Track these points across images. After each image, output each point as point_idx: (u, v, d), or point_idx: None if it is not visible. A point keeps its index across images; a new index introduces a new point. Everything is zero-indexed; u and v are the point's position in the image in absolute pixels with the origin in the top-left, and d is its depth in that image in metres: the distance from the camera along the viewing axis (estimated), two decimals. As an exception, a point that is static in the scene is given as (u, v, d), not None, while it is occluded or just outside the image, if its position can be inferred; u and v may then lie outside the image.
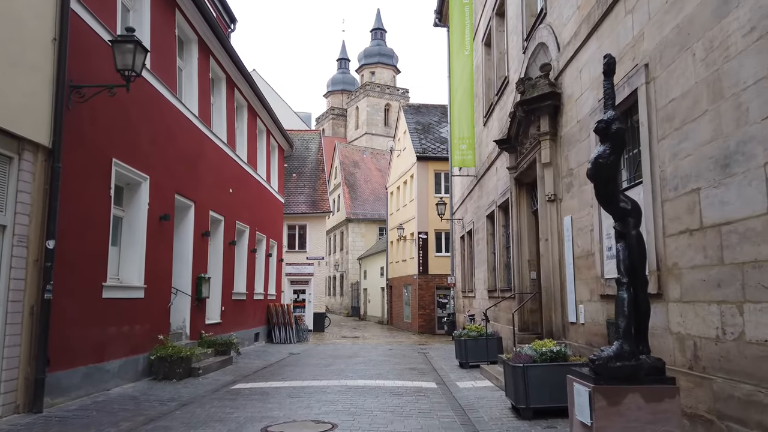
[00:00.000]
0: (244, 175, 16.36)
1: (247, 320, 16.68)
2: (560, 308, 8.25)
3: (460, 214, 20.15)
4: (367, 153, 53.90)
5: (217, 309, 13.93)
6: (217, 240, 14.18)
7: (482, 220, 15.36)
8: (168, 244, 10.79)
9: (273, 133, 20.24)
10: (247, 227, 16.60)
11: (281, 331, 19.48)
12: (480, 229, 15.83)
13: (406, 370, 11.42)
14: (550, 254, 8.51)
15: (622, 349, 4.15)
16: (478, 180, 16.02)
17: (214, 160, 13.71)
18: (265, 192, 19.10)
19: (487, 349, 11.11)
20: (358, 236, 45.15)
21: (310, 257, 27.26)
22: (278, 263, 21.53)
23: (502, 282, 12.86)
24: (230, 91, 15.09)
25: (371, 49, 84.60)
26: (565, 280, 8.13)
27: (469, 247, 18.51)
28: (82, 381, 7.74)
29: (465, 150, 16.30)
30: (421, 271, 26.77)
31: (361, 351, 16.29)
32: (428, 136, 29.09)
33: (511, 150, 10.78)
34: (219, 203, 13.97)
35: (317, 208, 27.34)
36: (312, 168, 29.48)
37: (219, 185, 14.04)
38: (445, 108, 32.09)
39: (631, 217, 4.41)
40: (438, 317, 26.63)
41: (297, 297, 27.34)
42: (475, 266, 16.74)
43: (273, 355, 14.63)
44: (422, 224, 27.09)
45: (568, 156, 8.07)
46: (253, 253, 17.25)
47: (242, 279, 16.21)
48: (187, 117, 11.82)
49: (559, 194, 8.40)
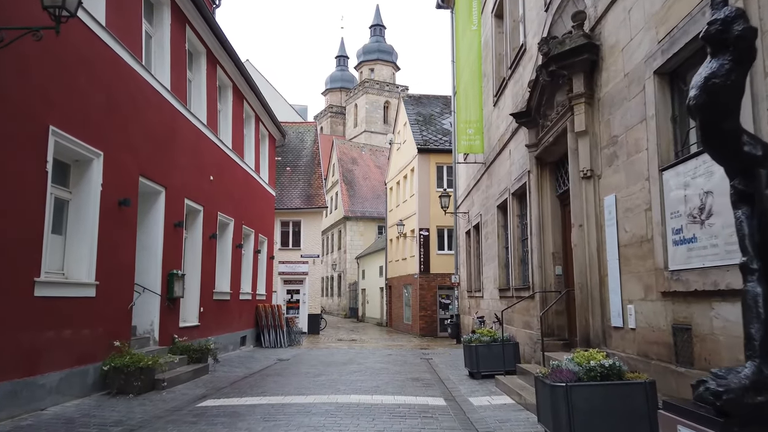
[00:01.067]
0: (228, 163, 14.80)
1: (231, 322, 15.11)
2: (599, 309, 6.69)
3: (465, 207, 18.59)
4: (365, 150, 52.33)
5: (195, 310, 12.36)
6: (194, 233, 12.61)
7: (492, 212, 13.80)
8: (130, 235, 9.23)
9: (263, 119, 18.68)
10: (232, 220, 15.03)
11: (271, 334, 17.91)
12: (489, 222, 14.27)
13: (409, 382, 9.86)
14: (585, 243, 6.96)
15: (761, 375, 2.60)
16: (486, 168, 14.47)
17: (191, 143, 12.15)
18: (253, 183, 17.54)
19: (503, 356, 9.53)
20: (356, 235, 43.56)
21: (305, 255, 25.68)
22: (269, 261, 19.96)
23: (516, 280, 11.31)
24: (211, 68, 13.52)
25: (370, 45, 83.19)
26: (606, 275, 6.57)
27: (476, 243, 16.95)
28: (5, 400, 6.17)
29: (472, 135, 14.75)
30: (422, 270, 25.20)
31: (357, 356, 14.73)
32: (430, 127, 27.53)
33: (531, 124, 9.23)
34: (197, 191, 12.41)
35: (312, 203, 25.77)
36: (307, 161, 27.92)
37: (197, 171, 12.47)
38: (447, 99, 30.57)
39: (763, 168, 2.86)
40: (440, 319, 25.07)
41: (291, 297, 25.76)
42: (483, 263, 15.19)
43: (258, 362, 13.06)
44: (423, 220, 25.52)
45: (611, 121, 6.51)
46: (238, 249, 15.68)
47: (225, 277, 14.64)
48: (156, 89, 10.26)
49: (598, 169, 6.84)
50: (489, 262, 14.24)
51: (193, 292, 12.32)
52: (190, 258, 12.42)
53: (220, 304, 14.03)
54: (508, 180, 11.94)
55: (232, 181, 15.16)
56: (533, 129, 9.22)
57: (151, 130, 10.09)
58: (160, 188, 10.46)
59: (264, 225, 19.06)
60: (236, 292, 15.51)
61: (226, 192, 14.59)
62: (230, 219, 14.91)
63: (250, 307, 17.32)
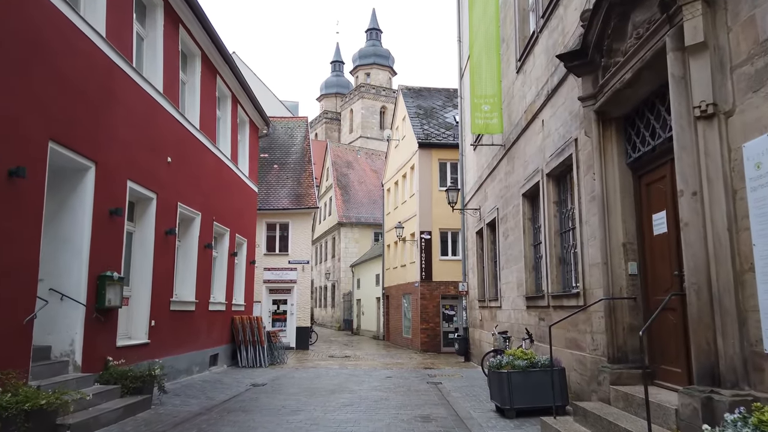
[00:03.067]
0: (194, 145, 12.26)
1: (196, 338, 12.47)
2: (735, 325, 4.14)
3: (475, 203, 16.07)
4: (361, 153, 49.89)
5: (143, 324, 9.76)
6: (144, 226, 10.04)
7: (514, 203, 11.29)
8: (30, 220, 6.64)
9: (241, 102, 16.16)
10: (199, 215, 12.44)
11: (249, 351, 15.26)
12: (510, 216, 11.75)
13: (418, 424, 7.24)
14: (703, 220, 4.42)
15: None
16: (506, 150, 11.97)
17: (139, 112, 9.60)
18: (228, 174, 14.98)
19: (547, 388, 6.92)
20: (351, 242, 40.93)
21: (293, 261, 23.06)
22: (249, 266, 17.34)
23: (554, 284, 8.75)
24: (171, 26, 11.00)
25: (366, 49, 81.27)
26: (750, 269, 4.04)
27: (491, 244, 14.41)
28: None
29: (488, 112, 12.25)
30: (423, 278, 22.59)
31: (349, 380, 12.11)
32: (431, 121, 25.06)
33: (586, 69, 6.71)
34: (147, 173, 9.85)
35: (302, 203, 23.18)
36: (297, 158, 25.38)
37: (147, 148, 9.93)
38: (450, 92, 28.15)
39: None
40: (444, 332, 22.44)
41: (277, 308, 23.11)
42: (501, 267, 12.64)
43: (224, 389, 10.42)
44: (425, 222, 22.96)
45: (755, 19, 4.01)
46: (208, 250, 13.07)
47: (189, 283, 12.02)
48: (79, 30, 7.72)
49: (726, 101, 4.32)
50: (510, 265, 11.70)
51: (140, 301, 9.74)
52: (138, 258, 9.85)
53: (180, 316, 11.41)
54: (540, 158, 9.44)
55: (199, 168, 12.60)
56: (589, 75, 6.70)
57: (71, 82, 7.54)
58: (86, 162, 7.88)
59: (243, 224, 16.47)
60: (204, 301, 12.88)
61: (191, 180, 12.03)
62: (196, 213, 12.32)
63: (224, 319, 14.68)
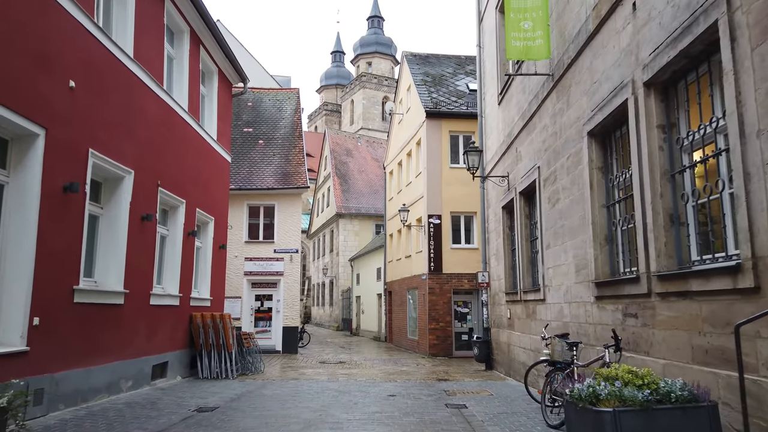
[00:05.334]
0: (121, 75, 8.89)
1: (128, 342, 9.09)
2: None
3: (501, 170, 12.68)
4: (361, 141, 46.50)
5: (17, 323, 6.41)
6: (21, 177, 6.69)
7: (570, 152, 7.91)
8: None
9: (207, 45, 12.79)
10: (131, 173, 9.06)
11: (213, 358, 11.89)
12: (562, 172, 8.36)
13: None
14: None
15: None
16: (556, 81, 8.61)
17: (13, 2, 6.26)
18: (184, 129, 11.62)
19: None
20: (350, 234, 37.55)
21: (280, 250, 19.70)
22: (218, 252, 13.97)
23: (663, 258, 5.37)
24: None
25: (368, 37, 78.08)
26: None
27: (525, 218, 11.04)
28: None
29: (530, 31, 8.88)
30: (432, 269, 19.19)
31: (337, 401, 8.74)
32: (440, 89, 21.64)
33: None
34: (23, 95, 6.50)
35: (290, 183, 19.81)
36: (286, 133, 22.01)
37: (30, 60, 6.58)
38: (461, 59, 24.69)
39: None
40: (456, 333, 19.06)
41: (260, 306, 19.75)
42: (546, 245, 9.23)
43: (148, 421, 7.03)
44: (434, 205, 19.56)
45: None
46: (148, 225, 9.72)
47: (114, 267, 8.65)
48: None
49: None
50: (562, 240, 8.32)
51: (10, 289, 6.39)
52: (9, 226, 6.51)
53: (94, 311, 8.04)
54: (627, 66, 6.06)
55: (131, 109, 9.23)
56: None
57: None
58: None
59: (209, 198, 13.11)
60: (141, 292, 9.52)
61: (116, 122, 8.67)
62: (127, 171, 8.95)
63: (178, 317, 11.32)
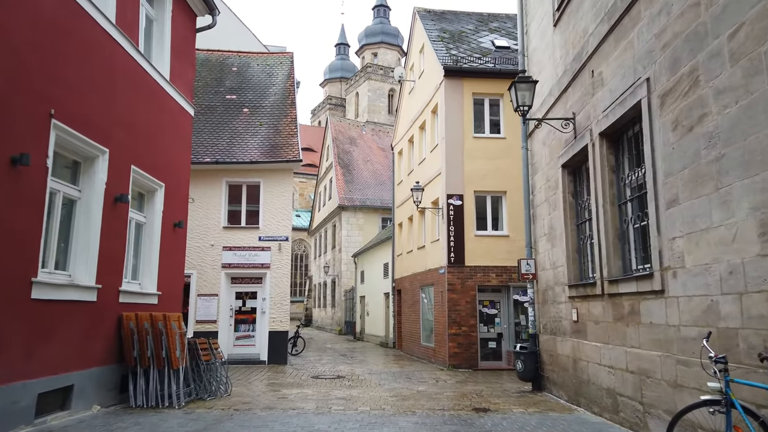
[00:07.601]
0: None
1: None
2: None
3: (560, 111, 9.08)
4: (366, 128, 42.98)
5: None
6: None
7: (738, 21, 4.30)
8: None
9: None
10: None
11: (153, 377, 8.32)
12: (716, 63, 4.74)
13: None
14: None
15: None
16: None
17: None
18: (111, 48, 8.06)
19: None
20: (353, 228, 33.95)
21: (266, 238, 16.14)
22: (171, 231, 10.40)
23: None
24: None
25: (373, 27, 74.84)
26: None
27: (609, 173, 7.44)
28: None
29: None
30: (452, 261, 15.58)
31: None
32: (460, 46, 18.04)
33: None
34: None
35: (279, 156, 16.26)
36: (276, 101, 18.49)
37: None
38: (483, 16, 21.08)
39: None
40: (482, 339, 15.45)
41: (242, 305, 16.18)
42: (664, 202, 5.61)
43: None
44: (454, 183, 15.97)
45: None
46: (26, 173, 6.17)
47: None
48: None
49: None
50: (718, 182, 4.70)
51: None
52: None
53: None
54: None
55: (25, 21, 5.71)
56: None
57: None
58: None
59: (154, 155, 9.55)
60: (11, 278, 5.96)
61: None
62: None
63: (94, 318, 7.73)
